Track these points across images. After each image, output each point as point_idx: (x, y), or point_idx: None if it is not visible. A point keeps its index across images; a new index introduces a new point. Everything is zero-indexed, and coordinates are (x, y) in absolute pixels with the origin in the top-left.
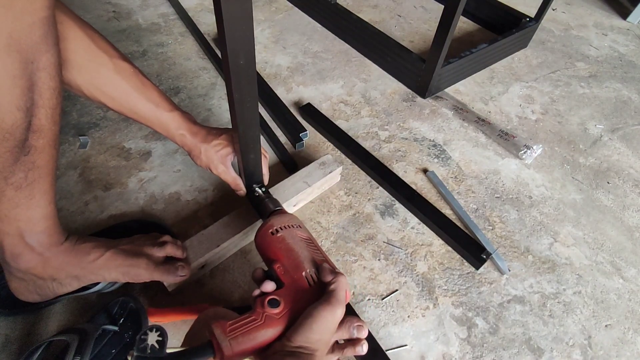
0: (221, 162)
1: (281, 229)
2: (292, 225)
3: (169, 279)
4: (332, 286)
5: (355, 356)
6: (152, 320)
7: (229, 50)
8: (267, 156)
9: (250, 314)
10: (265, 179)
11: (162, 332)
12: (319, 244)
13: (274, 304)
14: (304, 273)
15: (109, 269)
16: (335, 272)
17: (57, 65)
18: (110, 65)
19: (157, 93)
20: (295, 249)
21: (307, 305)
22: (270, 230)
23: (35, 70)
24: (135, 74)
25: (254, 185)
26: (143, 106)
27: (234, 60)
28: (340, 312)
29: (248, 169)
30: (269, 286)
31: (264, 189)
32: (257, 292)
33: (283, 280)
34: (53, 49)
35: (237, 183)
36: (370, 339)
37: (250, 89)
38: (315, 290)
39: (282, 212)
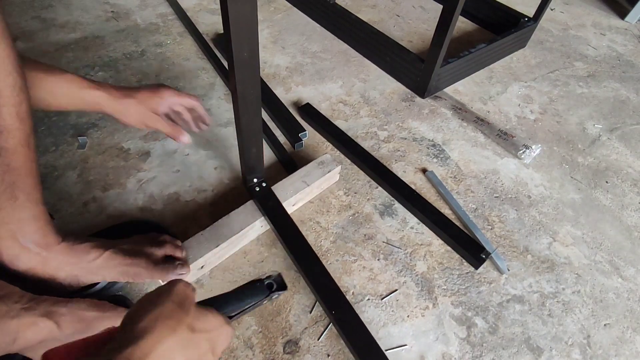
0: (153, 112)
1: None
2: None
3: (169, 278)
4: None
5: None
6: None
7: (233, 43)
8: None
9: None
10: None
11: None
12: (319, 244)
13: None
14: None
15: (108, 269)
16: None
17: (12, 59)
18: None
19: (58, 71)
20: None
21: None
22: None
23: None
24: (35, 62)
25: (255, 180)
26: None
27: (238, 53)
28: None
29: (250, 163)
30: None
31: (265, 184)
32: None
33: None
34: (4, 43)
35: (175, 129)
36: (369, 338)
37: (252, 82)
38: None
39: None
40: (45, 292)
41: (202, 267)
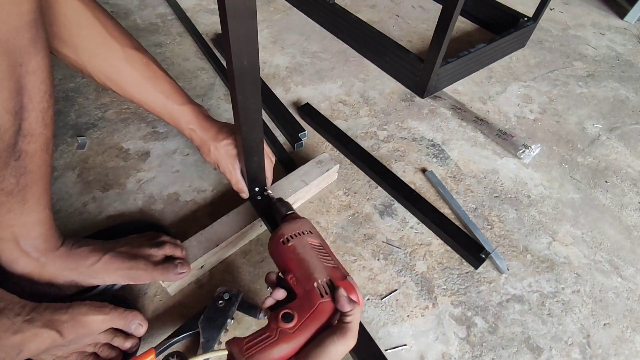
0: (230, 162)
1: (292, 238)
2: (303, 232)
3: (169, 278)
4: (349, 318)
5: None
6: None
7: (232, 51)
8: (274, 160)
9: (264, 329)
10: (268, 183)
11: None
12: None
13: (287, 318)
14: (315, 284)
15: (107, 272)
16: (353, 302)
17: (48, 68)
18: (121, 54)
19: (169, 85)
20: (306, 259)
21: (320, 319)
22: (281, 240)
23: (24, 73)
24: (148, 64)
25: (257, 189)
26: (153, 97)
27: (238, 61)
28: (352, 344)
29: (251, 172)
30: (280, 294)
31: (266, 193)
32: (269, 302)
33: (296, 292)
34: (43, 52)
35: (240, 187)
36: (368, 338)
37: (253, 91)
38: (327, 304)
39: (294, 216)
40: (44, 295)
41: (201, 267)
